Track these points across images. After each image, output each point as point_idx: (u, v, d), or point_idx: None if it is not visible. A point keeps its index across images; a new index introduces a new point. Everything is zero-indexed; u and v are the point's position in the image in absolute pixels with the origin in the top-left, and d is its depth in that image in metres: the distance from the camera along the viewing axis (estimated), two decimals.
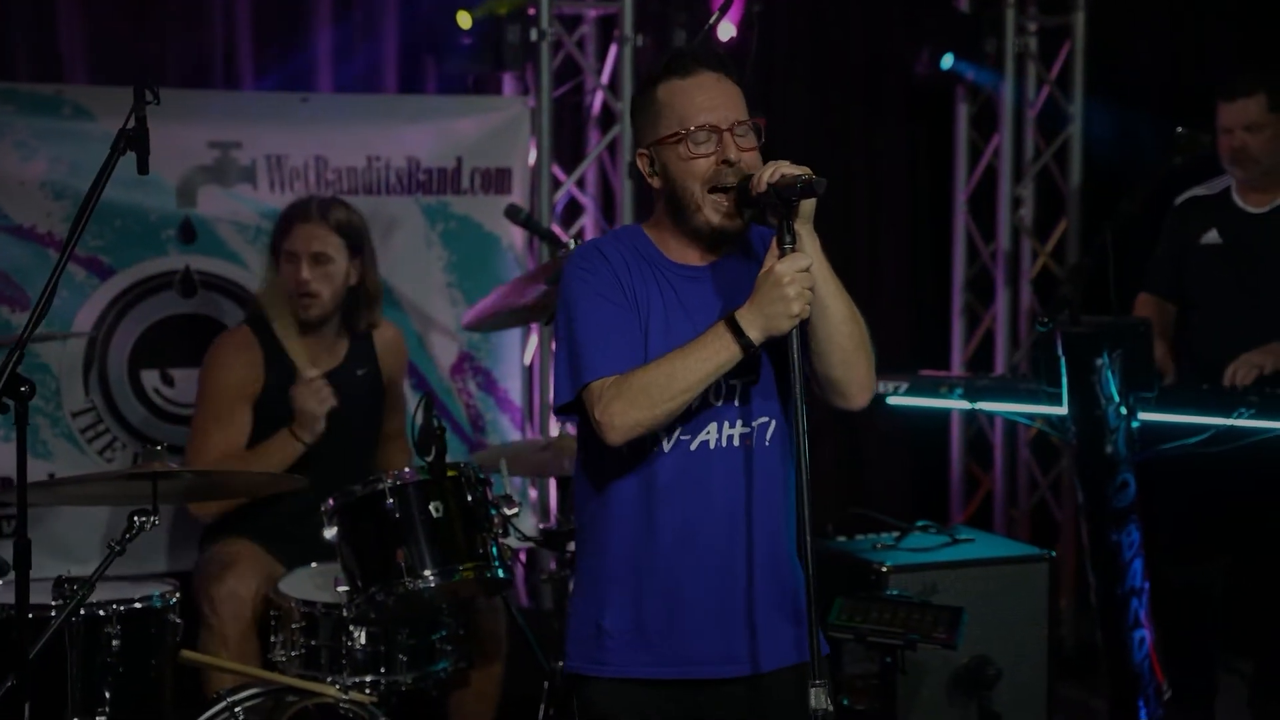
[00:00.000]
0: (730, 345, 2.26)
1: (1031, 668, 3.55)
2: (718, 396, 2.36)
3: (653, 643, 2.37)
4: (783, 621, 2.40)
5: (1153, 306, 4.19)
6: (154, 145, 4.08)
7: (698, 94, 2.33)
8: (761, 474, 2.38)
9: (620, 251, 2.41)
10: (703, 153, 2.32)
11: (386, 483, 3.08)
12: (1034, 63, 5.21)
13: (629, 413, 2.26)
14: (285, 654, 3.29)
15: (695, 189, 2.33)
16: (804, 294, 2.23)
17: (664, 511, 2.36)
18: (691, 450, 2.36)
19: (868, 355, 2.34)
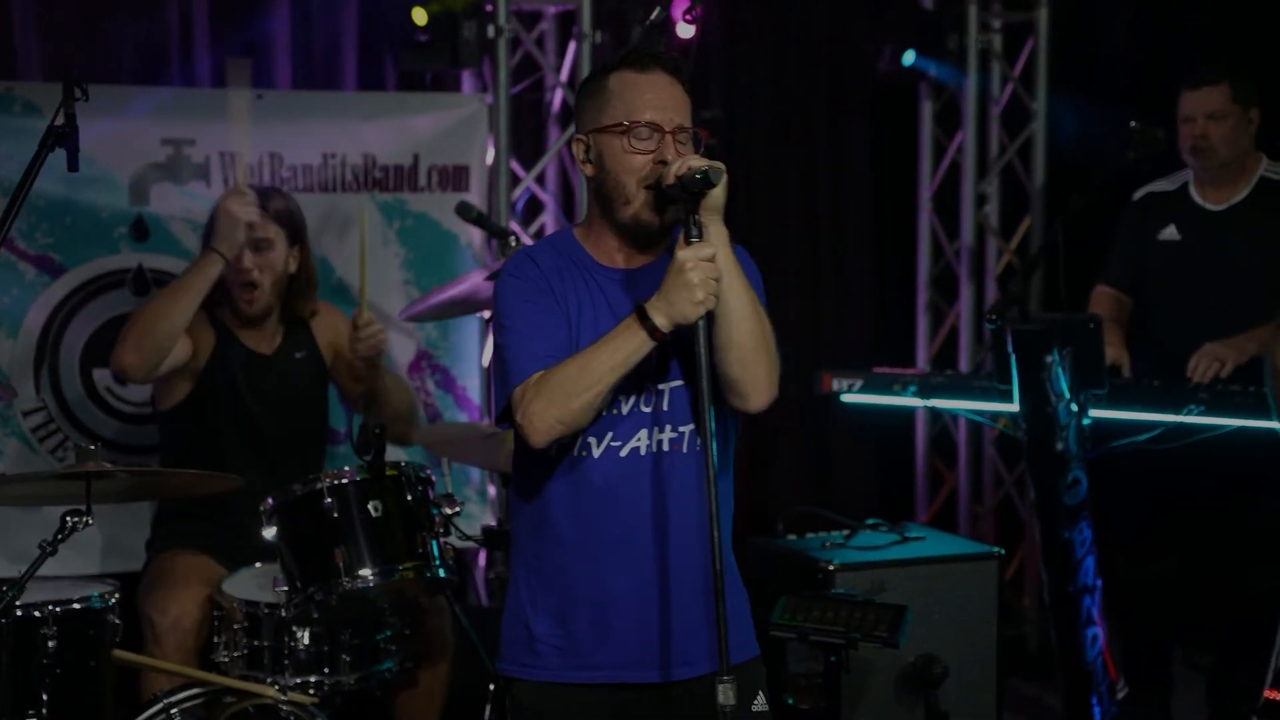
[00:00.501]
0: (638, 333, 2.25)
1: (981, 666, 3.54)
2: (647, 403, 2.36)
3: (582, 648, 2.38)
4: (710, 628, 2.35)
5: (1109, 299, 4.18)
6: (106, 142, 4.15)
7: (649, 90, 2.34)
8: (693, 479, 2.36)
9: (551, 257, 2.42)
10: (642, 149, 2.32)
11: (325, 482, 3.07)
12: (997, 59, 5.19)
13: (547, 411, 2.27)
14: (228, 654, 3.27)
15: (629, 183, 2.34)
16: (708, 281, 2.23)
17: (595, 518, 2.37)
18: (621, 457, 2.36)
19: (769, 356, 2.32)
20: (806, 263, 5.37)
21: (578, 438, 2.35)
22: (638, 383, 2.35)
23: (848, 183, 5.41)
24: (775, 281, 5.18)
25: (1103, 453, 3.72)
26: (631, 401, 2.35)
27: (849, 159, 5.40)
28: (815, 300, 5.39)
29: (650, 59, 2.37)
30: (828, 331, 5.43)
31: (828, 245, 5.41)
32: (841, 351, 5.35)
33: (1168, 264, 4.07)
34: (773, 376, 2.33)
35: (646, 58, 2.37)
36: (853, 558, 3.51)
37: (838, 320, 5.42)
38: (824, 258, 5.40)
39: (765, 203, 5.31)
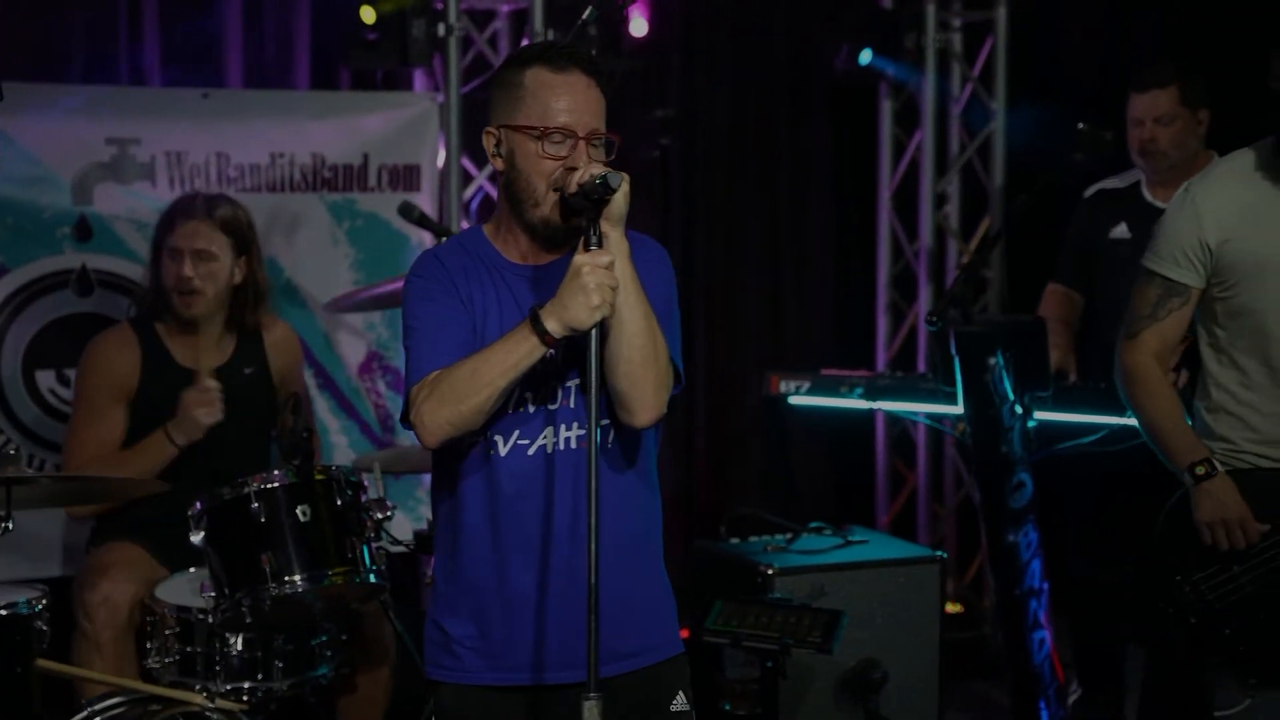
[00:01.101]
0: (529, 338, 2.23)
1: (923, 670, 3.51)
2: (554, 400, 2.33)
3: (497, 649, 2.36)
4: (638, 622, 2.39)
5: (1060, 297, 4.16)
6: (50, 142, 4.11)
7: (565, 93, 2.30)
8: (604, 477, 2.33)
9: (458, 256, 2.40)
10: (555, 154, 2.29)
11: (253, 486, 3.03)
12: (956, 59, 5.16)
13: (438, 411, 2.25)
14: (160, 661, 3.24)
15: (539, 185, 2.31)
16: (604, 288, 2.20)
17: (505, 517, 2.35)
18: (529, 455, 2.34)
19: (657, 375, 2.27)
20: (766, 263, 5.34)
21: (484, 436, 2.33)
22: (544, 380, 2.33)
23: (808, 182, 5.38)
24: (735, 282, 5.29)
25: (1048, 455, 3.70)
26: (539, 398, 2.33)
27: (809, 158, 5.37)
28: (776, 300, 5.37)
29: (568, 58, 2.32)
30: (787, 332, 5.40)
31: (788, 245, 5.38)
32: (802, 352, 5.33)
33: (1117, 262, 4.05)
34: (660, 395, 2.28)
35: (564, 56, 2.32)
36: (793, 561, 3.48)
37: (799, 320, 5.40)
38: (784, 258, 5.38)
39: (724, 202, 5.28)
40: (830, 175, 5.42)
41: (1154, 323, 2.96)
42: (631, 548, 2.40)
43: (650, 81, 5.10)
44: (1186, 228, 2.92)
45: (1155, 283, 2.97)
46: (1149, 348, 2.96)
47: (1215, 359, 2.97)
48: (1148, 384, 2.96)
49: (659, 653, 2.41)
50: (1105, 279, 4.08)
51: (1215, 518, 2.87)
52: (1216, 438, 2.95)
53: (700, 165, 5.25)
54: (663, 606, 2.45)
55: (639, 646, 2.39)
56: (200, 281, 3.55)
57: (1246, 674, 2.87)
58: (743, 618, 3.10)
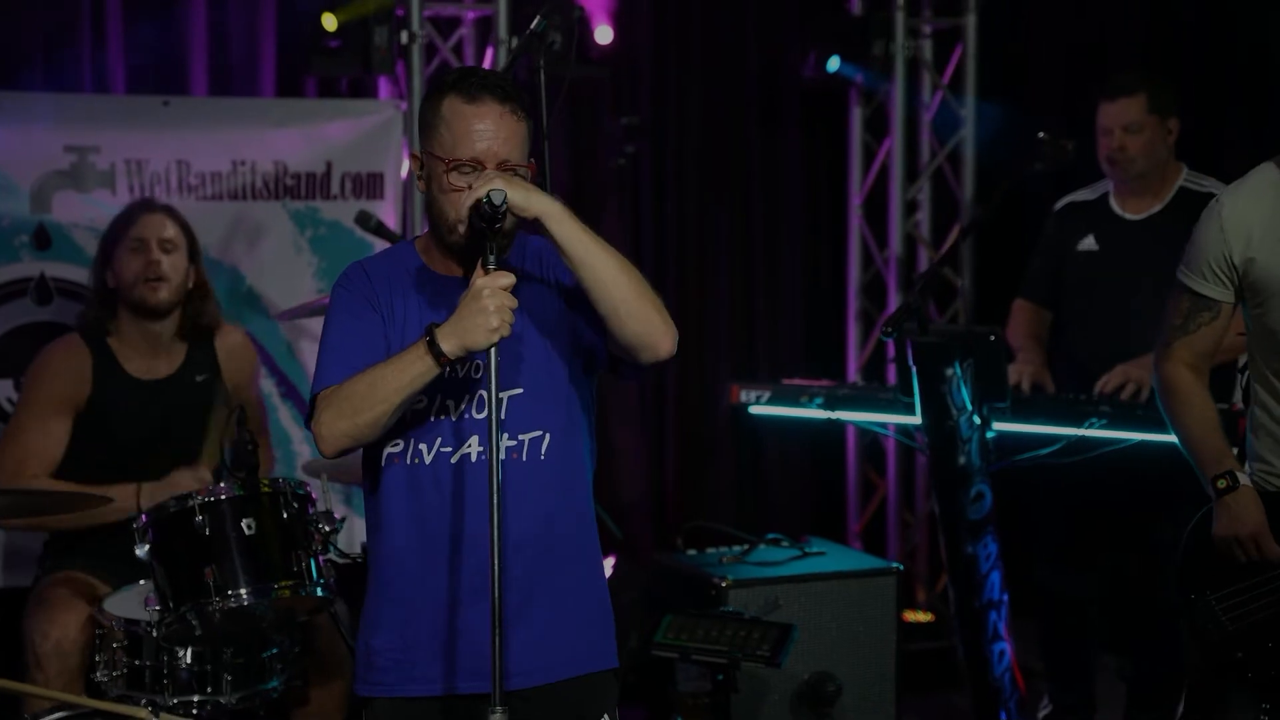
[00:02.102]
0: (424, 358, 2.23)
1: (879, 683, 3.49)
2: (480, 410, 2.32)
3: (415, 659, 2.36)
4: (562, 635, 2.38)
5: (1029, 313, 4.13)
6: (7, 149, 4.09)
7: (475, 122, 2.30)
8: (533, 487, 2.34)
9: (385, 267, 2.41)
10: (462, 184, 2.30)
11: (198, 499, 3.01)
12: (926, 67, 5.15)
13: (335, 423, 2.26)
14: (108, 674, 3.21)
15: (450, 213, 2.32)
16: (504, 310, 2.20)
17: (428, 526, 2.35)
18: (452, 464, 2.34)
19: (654, 302, 2.28)
20: (736, 270, 5.33)
21: (408, 443, 2.33)
22: (469, 389, 2.33)
23: (779, 189, 5.36)
24: (705, 291, 5.26)
25: (1006, 466, 3.67)
26: (463, 407, 2.33)
27: (780, 165, 5.35)
28: (746, 309, 5.35)
29: (480, 86, 2.31)
30: (758, 340, 5.38)
31: (759, 253, 5.36)
32: (773, 361, 5.31)
33: (1085, 275, 4.03)
34: (667, 318, 2.29)
35: (477, 85, 2.32)
36: (747, 573, 3.46)
37: (768, 329, 5.38)
38: (754, 265, 5.36)
39: (694, 210, 5.26)
40: (801, 182, 5.40)
41: (1185, 334, 2.88)
42: (563, 559, 2.38)
43: (620, 89, 5.08)
44: (1213, 242, 2.83)
45: (1186, 296, 2.88)
46: (1181, 358, 2.88)
47: (1254, 376, 2.88)
48: (1179, 393, 2.88)
49: (594, 662, 2.40)
50: (1073, 292, 4.06)
51: (1229, 532, 2.79)
52: (1255, 458, 2.86)
53: (670, 173, 5.23)
54: (595, 619, 2.43)
55: (564, 659, 2.37)
56: (167, 269, 3.54)
57: (1260, 698, 2.80)
58: (692, 631, 3.07)
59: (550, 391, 2.36)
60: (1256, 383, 2.87)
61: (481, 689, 2.28)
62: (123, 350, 3.59)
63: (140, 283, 3.52)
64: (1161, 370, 2.91)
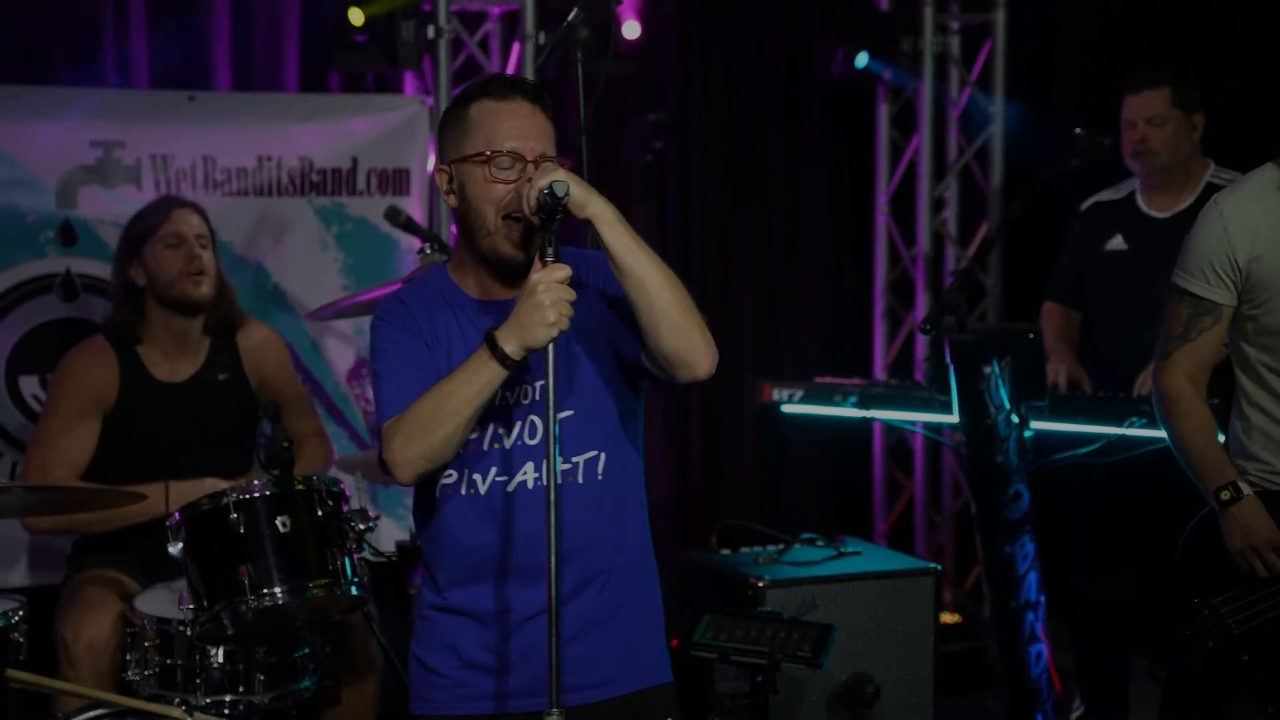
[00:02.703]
0: (489, 361, 2.20)
1: (917, 684, 3.45)
2: (532, 436, 2.31)
3: (475, 681, 2.35)
4: (621, 650, 2.36)
5: (1058, 315, 4.08)
6: (33, 144, 4.06)
7: (509, 120, 2.29)
8: (591, 508, 2.32)
9: (420, 295, 2.40)
10: (504, 178, 2.28)
11: (232, 496, 2.97)
12: (954, 62, 5.11)
13: (408, 447, 2.23)
14: (140, 673, 3.17)
15: (489, 213, 2.30)
16: (561, 304, 2.17)
17: (487, 555, 2.33)
18: (508, 492, 2.32)
19: (697, 320, 2.24)
20: (760, 269, 5.29)
21: (462, 474, 2.31)
22: (520, 415, 2.32)
23: (803, 186, 5.33)
24: (729, 288, 5.22)
25: (1044, 465, 3.63)
26: (514, 435, 2.31)
27: (804, 162, 5.32)
28: (770, 307, 5.31)
29: (509, 87, 2.32)
30: (782, 339, 5.34)
31: (782, 251, 5.32)
32: (797, 360, 5.27)
33: (1114, 274, 3.98)
34: (708, 338, 2.26)
35: (505, 86, 2.33)
36: (784, 573, 3.42)
37: (792, 328, 5.34)
38: (778, 263, 5.32)
39: (718, 207, 5.22)
40: (825, 180, 5.36)
41: (1185, 342, 2.86)
42: (623, 577, 2.37)
43: (644, 85, 5.04)
44: (1215, 244, 2.81)
45: (1185, 301, 2.86)
46: (1182, 368, 2.86)
47: (1248, 377, 2.86)
48: (1179, 404, 2.86)
49: (650, 677, 2.38)
50: (1102, 292, 4.02)
51: (1245, 544, 2.77)
52: (1251, 457, 2.85)
53: (694, 170, 5.20)
54: (652, 632, 2.42)
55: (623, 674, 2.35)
56: (208, 261, 3.52)
57: (1265, 702, 2.78)
58: (731, 631, 3.03)
59: (600, 410, 2.34)
60: (1253, 384, 2.85)
61: (537, 706, 2.25)
62: (149, 354, 3.55)
63: (185, 278, 3.49)
64: (1161, 381, 2.89)
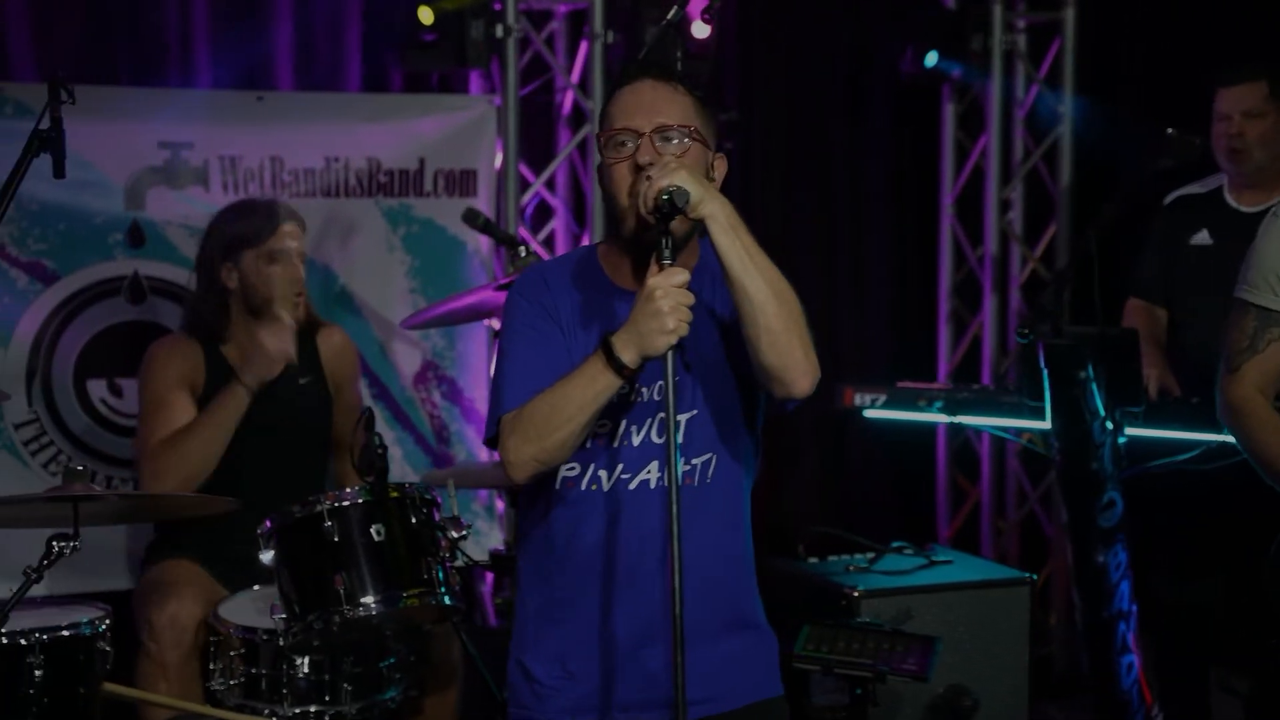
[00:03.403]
0: (605, 372, 2.12)
1: (1012, 697, 3.38)
2: (659, 434, 2.23)
3: (582, 690, 2.28)
4: (734, 663, 2.30)
5: (1142, 312, 4.01)
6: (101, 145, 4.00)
7: (629, 98, 2.25)
8: (704, 513, 2.25)
9: (564, 275, 2.31)
10: (618, 156, 2.21)
11: (325, 504, 2.91)
12: (1022, 60, 5.03)
13: (523, 448, 2.17)
14: (224, 683, 3.12)
15: (620, 196, 2.22)
16: (680, 309, 2.09)
17: (603, 553, 2.26)
18: (631, 490, 2.25)
19: (801, 337, 2.17)
20: (823, 271, 5.21)
21: (586, 470, 2.25)
22: (651, 411, 2.24)
23: (867, 188, 5.25)
24: None
25: (1139, 472, 3.56)
26: (643, 432, 2.24)
27: (868, 163, 5.24)
28: (832, 310, 5.23)
29: (637, 70, 2.28)
30: (844, 342, 5.27)
31: (845, 253, 5.25)
32: (859, 363, 5.19)
33: (1200, 270, 3.90)
34: (811, 356, 2.18)
35: (636, 68, 2.29)
36: (878, 583, 3.35)
37: (856, 331, 5.26)
38: (841, 266, 5.25)
39: (780, 208, 5.15)
40: (887, 180, 5.28)
41: (1254, 354, 2.80)
42: (734, 586, 2.32)
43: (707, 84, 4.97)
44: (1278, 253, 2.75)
45: (1251, 313, 2.80)
46: (1251, 381, 2.80)
47: None
48: (1254, 415, 2.80)
49: (761, 691, 2.33)
50: (1187, 288, 3.94)
51: None
52: None
53: (756, 169, 5.13)
54: (763, 644, 2.36)
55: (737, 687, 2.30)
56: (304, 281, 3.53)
57: None
58: (833, 643, 2.97)
59: (723, 413, 2.27)
60: None
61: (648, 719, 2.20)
62: (231, 354, 3.50)
63: (286, 299, 3.45)
64: (1230, 394, 2.82)
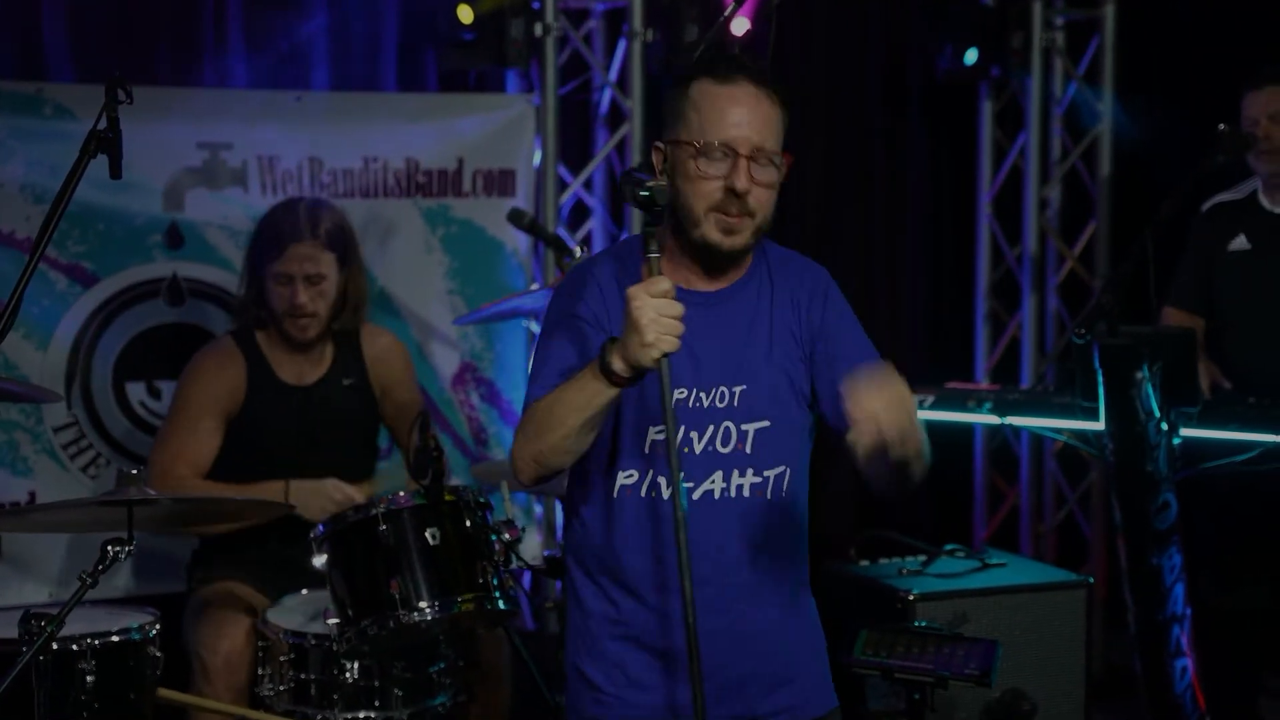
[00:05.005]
0: (597, 376, 2.06)
1: (1069, 701, 3.34)
2: (724, 443, 2.18)
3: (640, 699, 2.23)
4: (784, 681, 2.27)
5: (1180, 321, 3.95)
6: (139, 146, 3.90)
7: (729, 107, 2.14)
8: (775, 528, 2.22)
9: (613, 271, 2.24)
10: (713, 173, 2.13)
11: (379, 508, 2.88)
12: (1061, 58, 4.99)
13: (524, 447, 2.14)
14: (273, 688, 3.09)
15: (698, 206, 2.16)
16: (660, 321, 2.01)
17: (664, 563, 2.20)
18: (694, 499, 2.18)
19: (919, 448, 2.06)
20: (859, 269, 5.17)
21: (645, 475, 2.18)
22: (714, 418, 2.18)
23: (903, 186, 5.22)
24: None
25: (1193, 474, 3.51)
26: (705, 440, 2.18)
27: (905, 161, 5.21)
28: (869, 309, 5.18)
29: (735, 67, 2.17)
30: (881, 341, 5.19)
31: (881, 251, 5.21)
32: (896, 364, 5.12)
33: (1239, 276, 3.86)
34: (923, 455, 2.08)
35: (730, 65, 2.17)
36: (932, 586, 3.31)
37: (892, 330, 5.22)
38: (877, 264, 5.21)
39: (817, 207, 5.11)
40: (924, 178, 5.25)
41: None
42: (798, 599, 2.30)
43: None
44: None
45: None
46: None
47: None
48: None
49: (819, 706, 2.30)
50: (1228, 295, 3.89)
51: None
52: None
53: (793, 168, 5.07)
54: (821, 656, 2.34)
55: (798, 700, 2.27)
56: (313, 305, 3.42)
57: None
58: (891, 647, 2.92)
59: (791, 424, 2.22)
60: None
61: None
62: (274, 356, 3.47)
63: (287, 319, 3.42)
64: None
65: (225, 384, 3.41)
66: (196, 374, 3.44)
